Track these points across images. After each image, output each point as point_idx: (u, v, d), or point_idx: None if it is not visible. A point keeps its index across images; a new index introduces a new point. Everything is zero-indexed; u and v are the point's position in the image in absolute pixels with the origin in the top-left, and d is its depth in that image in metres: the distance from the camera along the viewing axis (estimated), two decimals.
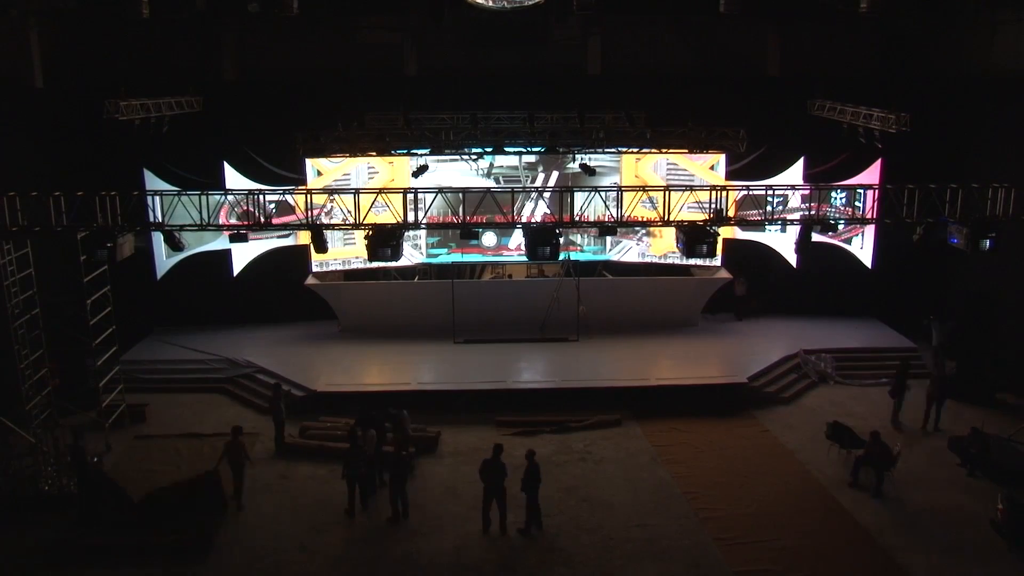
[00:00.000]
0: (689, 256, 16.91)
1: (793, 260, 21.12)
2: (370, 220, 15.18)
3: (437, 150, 19.33)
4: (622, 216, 15.85)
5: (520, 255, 21.51)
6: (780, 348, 20.51)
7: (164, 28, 20.03)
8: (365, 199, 15.08)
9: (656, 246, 22.06)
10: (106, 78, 19.33)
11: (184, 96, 19.81)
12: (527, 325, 21.27)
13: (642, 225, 19.45)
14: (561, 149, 19.75)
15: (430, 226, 18.32)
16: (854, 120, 19.12)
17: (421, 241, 21.91)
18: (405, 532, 13.63)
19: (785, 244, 21.01)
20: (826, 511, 14.19)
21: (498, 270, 23.51)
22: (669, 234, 19.43)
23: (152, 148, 19.07)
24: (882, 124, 18.21)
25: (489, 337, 21.10)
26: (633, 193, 15.71)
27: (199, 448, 15.70)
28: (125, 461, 15.63)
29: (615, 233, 20.06)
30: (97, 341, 16.09)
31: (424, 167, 20.23)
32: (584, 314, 20.96)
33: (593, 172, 20.89)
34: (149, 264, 19.57)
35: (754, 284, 22.59)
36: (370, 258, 15.14)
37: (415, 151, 19.97)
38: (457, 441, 16.69)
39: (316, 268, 21.38)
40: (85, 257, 14.89)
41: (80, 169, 18.61)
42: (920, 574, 12.44)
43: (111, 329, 16.55)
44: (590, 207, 17.29)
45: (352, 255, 21.39)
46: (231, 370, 19.74)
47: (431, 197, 18.81)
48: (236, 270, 20.66)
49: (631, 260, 22.48)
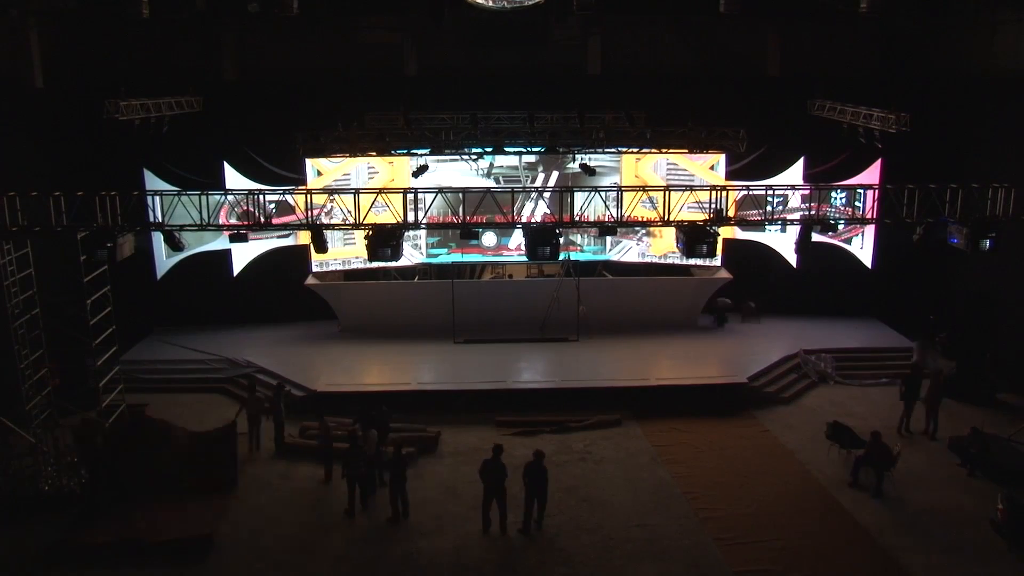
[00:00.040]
0: (689, 256, 16.90)
1: (793, 260, 21.12)
2: (370, 220, 15.18)
3: (437, 150, 19.33)
4: (622, 216, 15.83)
5: (520, 255, 21.50)
6: (780, 348, 20.51)
7: (164, 28, 20.02)
8: (365, 199, 15.08)
9: (656, 246, 22.05)
10: (106, 78, 19.31)
11: (184, 96, 19.83)
12: (527, 325, 21.27)
13: (642, 225, 19.45)
14: (561, 149, 19.74)
15: (430, 226, 18.31)
16: (854, 120, 19.12)
17: (421, 241, 21.91)
18: (405, 532, 13.62)
19: (785, 244, 21.01)
20: (826, 511, 14.18)
21: (498, 270, 23.50)
22: (669, 234, 19.43)
23: (152, 148, 19.09)
24: (882, 124, 18.21)
25: (489, 337, 21.10)
26: (633, 193, 15.70)
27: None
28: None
29: (615, 233, 20.06)
30: (97, 341, 16.03)
31: (424, 167, 20.22)
32: (584, 314, 20.95)
33: (593, 172, 20.88)
34: (149, 264, 19.60)
35: (754, 285, 22.57)
36: (370, 258, 15.14)
37: (415, 151, 19.96)
38: (457, 441, 16.69)
39: (316, 268, 21.38)
40: (85, 257, 14.83)
41: (80, 169, 18.62)
42: (920, 574, 12.44)
43: (111, 329, 16.49)
44: (590, 207, 17.28)
45: (352, 255, 21.39)
46: (231, 370, 19.75)
47: (431, 197, 18.81)
48: (236, 270, 20.68)
49: (631, 260, 22.48)
